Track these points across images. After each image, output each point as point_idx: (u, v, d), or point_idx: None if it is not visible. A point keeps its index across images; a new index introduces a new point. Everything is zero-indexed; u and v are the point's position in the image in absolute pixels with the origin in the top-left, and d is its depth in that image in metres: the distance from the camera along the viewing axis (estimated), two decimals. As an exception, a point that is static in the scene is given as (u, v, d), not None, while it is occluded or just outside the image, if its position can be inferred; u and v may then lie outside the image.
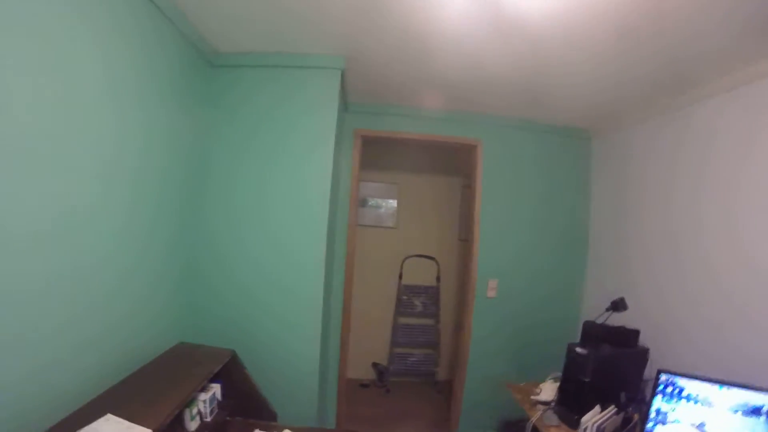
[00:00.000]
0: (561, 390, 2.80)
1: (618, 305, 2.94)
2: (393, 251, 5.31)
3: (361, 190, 4.74)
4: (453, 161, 5.35)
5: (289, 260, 2.86)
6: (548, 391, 2.94)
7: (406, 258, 5.23)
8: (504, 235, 3.96)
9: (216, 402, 2.28)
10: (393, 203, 5.40)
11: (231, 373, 2.44)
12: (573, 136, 4.11)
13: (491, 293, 3.92)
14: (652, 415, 2.41)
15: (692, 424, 2.32)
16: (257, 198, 2.86)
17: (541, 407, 2.81)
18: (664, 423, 2.39)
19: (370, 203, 5.32)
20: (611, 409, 2.45)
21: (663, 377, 2.41)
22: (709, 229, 2.75)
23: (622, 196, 3.64)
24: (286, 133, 2.87)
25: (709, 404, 2.30)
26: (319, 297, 2.88)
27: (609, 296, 3.06)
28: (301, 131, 2.88)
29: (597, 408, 2.46)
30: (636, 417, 2.51)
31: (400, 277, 5.22)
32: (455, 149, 4.12)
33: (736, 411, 2.23)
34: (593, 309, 3.41)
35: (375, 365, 5.23)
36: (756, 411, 2.18)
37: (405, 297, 5.18)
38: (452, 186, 5.56)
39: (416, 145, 4.01)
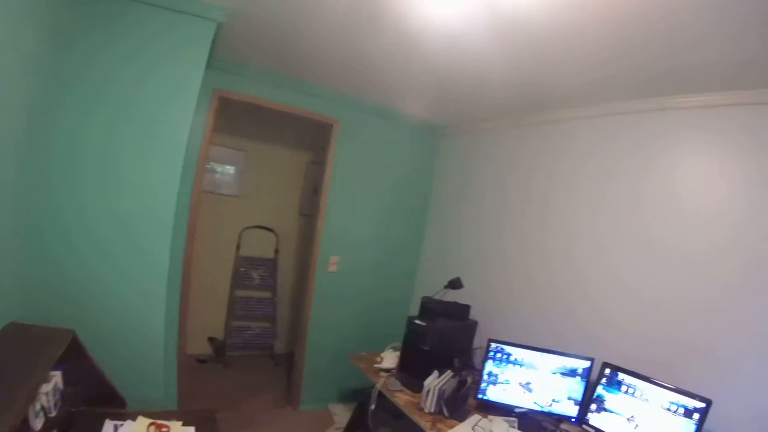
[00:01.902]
0: (402, 358, 2.97)
1: (455, 284, 3.25)
2: (232, 221, 4.98)
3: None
4: (305, 136, 5.19)
5: (135, 226, 2.44)
6: (389, 359, 3.09)
7: (245, 229, 4.98)
8: (350, 214, 4.00)
9: (59, 392, 1.91)
10: (236, 170, 5.05)
11: (72, 357, 2.07)
12: (428, 129, 4.35)
13: (332, 268, 3.93)
14: (485, 377, 2.69)
15: (519, 384, 2.66)
16: (105, 157, 2.33)
17: (383, 375, 2.94)
18: (495, 384, 2.68)
19: (207, 167, 4.88)
20: (448, 374, 2.66)
21: (493, 345, 2.71)
22: (532, 227, 3.36)
23: (462, 190, 4.11)
24: (144, 84, 2.40)
25: (534, 367, 2.65)
26: (164, 269, 2.56)
27: (443, 275, 3.44)
28: (160, 84, 2.44)
29: (435, 373, 2.64)
30: (470, 379, 2.74)
31: (238, 248, 4.97)
32: (310, 124, 3.97)
33: (555, 372, 2.61)
34: (430, 286, 3.69)
35: (211, 339, 4.95)
36: (572, 372, 2.60)
37: (243, 269, 4.94)
38: (299, 160, 5.39)
39: (271, 115, 3.76)
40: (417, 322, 2.90)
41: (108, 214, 2.40)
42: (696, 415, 2.06)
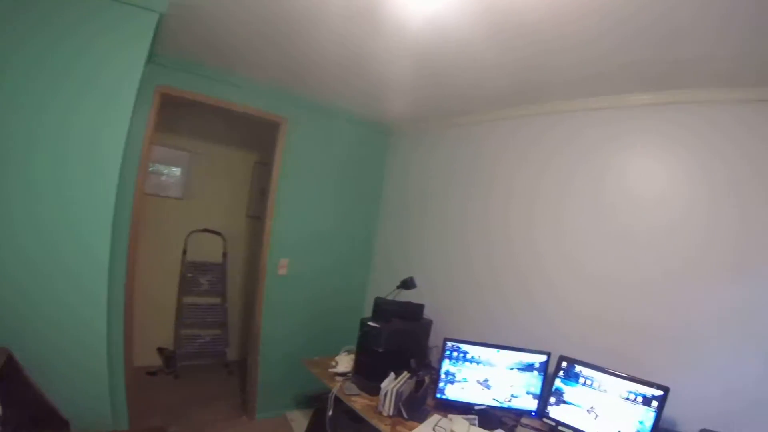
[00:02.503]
0: (357, 361, 2.92)
1: (407, 283, 3.18)
2: (177, 224, 4.74)
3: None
4: (252, 135, 4.98)
5: (68, 232, 2.23)
6: (344, 363, 3.02)
7: (191, 233, 4.75)
8: (300, 215, 3.88)
9: (-2, 417, 1.70)
10: (179, 171, 4.79)
11: (8, 378, 1.89)
12: (378, 127, 4.28)
13: (282, 271, 3.79)
14: (443, 376, 2.65)
15: (478, 381, 2.63)
16: (29, 158, 2.11)
17: (339, 379, 2.86)
18: (452, 383, 2.64)
19: (151, 169, 4.61)
20: (405, 375, 2.62)
21: (449, 344, 2.68)
22: (474, 223, 3.44)
23: (412, 189, 4.12)
24: (71, 77, 2.17)
25: (491, 364, 2.63)
26: (104, 277, 2.37)
27: (396, 276, 3.35)
28: (92, 77, 2.21)
29: (392, 375, 2.59)
30: (427, 379, 2.69)
31: (184, 253, 4.73)
32: (256, 123, 3.78)
33: (513, 368, 2.61)
34: (383, 287, 3.59)
35: (161, 350, 4.72)
36: (529, 367, 2.60)
37: (190, 275, 4.71)
38: (246, 161, 5.20)
39: (217, 113, 3.57)
40: (370, 323, 2.84)
41: (32, 220, 2.17)
42: (655, 403, 2.09)
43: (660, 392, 2.08)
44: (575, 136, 2.86)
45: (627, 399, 2.17)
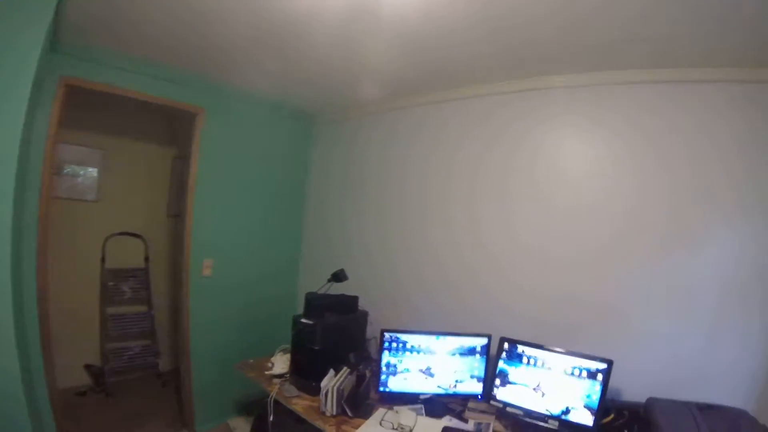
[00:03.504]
0: (293, 361, 2.78)
1: (339, 276, 3.00)
2: (95, 229, 4.35)
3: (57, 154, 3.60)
4: (169, 128, 4.68)
5: None
6: (281, 363, 2.87)
7: (109, 237, 4.37)
8: (222, 211, 3.61)
9: None
10: (95, 172, 4.38)
11: None
12: (301, 116, 4.05)
13: (207, 272, 3.52)
14: (384, 369, 2.56)
15: (420, 370, 2.55)
16: None
17: (277, 381, 2.72)
18: (395, 374, 2.55)
19: (66, 171, 4.19)
20: (345, 371, 2.48)
21: (387, 335, 2.59)
22: (413, 211, 3.33)
23: (339, 178, 3.98)
24: None
25: (432, 352, 2.55)
26: (6, 293, 2.08)
27: (327, 269, 3.13)
28: None
29: (331, 372, 2.47)
30: (368, 373, 2.57)
31: (103, 260, 4.36)
32: (173, 116, 3.45)
33: (454, 353, 2.55)
34: (314, 281, 3.36)
35: (88, 367, 4.36)
36: (471, 351, 2.56)
37: (111, 283, 4.35)
38: (164, 156, 4.85)
39: (131, 106, 3.26)
40: (303, 320, 2.68)
41: None
42: (600, 376, 2.11)
43: (604, 365, 2.10)
44: (517, 118, 2.83)
45: (572, 374, 2.19)
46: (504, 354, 2.40)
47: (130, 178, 4.63)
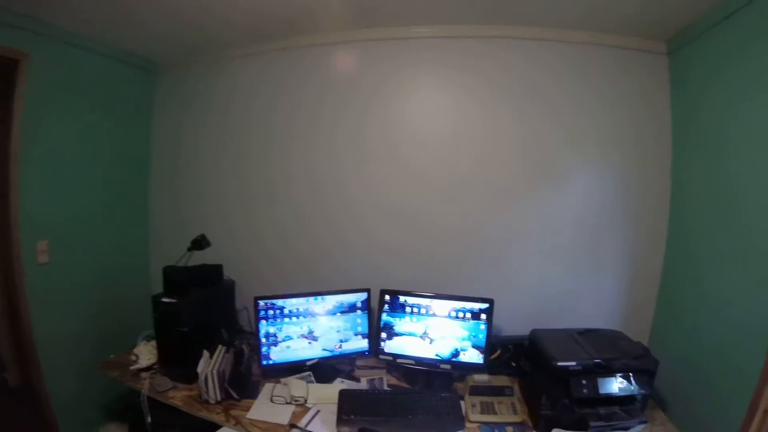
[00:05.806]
0: (160, 349, 2.48)
1: (199, 243, 2.70)
2: None
3: None
4: None
5: None
6: (146, 354, 2.55)
7: None
8: (54, 183, 2.93)
9: None
10: None
11: None
12: (140, 66, 3.41)
13: (43, 258, 2.95)
14: (263, 340, 2.39)
15: (302, 336, 2.42)
16: None
17: (145, 375, 2.42)
18: (276, 344, 2.39)
19: None
20: (220, 350, 2.27)
21: (261, 303, 2.41)
22: (277, 165, 3.07)
23: (189, 134, 3.48)
24: None
25: (312, 314, 2.43)
26: None
27: (182, 237, 2.81)
28: None
29: (206, 354, 2.24)
30: (246, 348, 2.41)
31: None
32: None
33: (335, 312, 2.46)
34: (171, 253, 2.92)
35: None
36: (352, 308, 2.49)
37: None
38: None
39: None
40: (165, 300, 2.36)
41: None
42: (483, 315, 2.22)
43: (486, 305, 2.21)
44: (369, 66, 2.79)
45: (457, 317, 2.25)
46: (386, 306, 2.36)
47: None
